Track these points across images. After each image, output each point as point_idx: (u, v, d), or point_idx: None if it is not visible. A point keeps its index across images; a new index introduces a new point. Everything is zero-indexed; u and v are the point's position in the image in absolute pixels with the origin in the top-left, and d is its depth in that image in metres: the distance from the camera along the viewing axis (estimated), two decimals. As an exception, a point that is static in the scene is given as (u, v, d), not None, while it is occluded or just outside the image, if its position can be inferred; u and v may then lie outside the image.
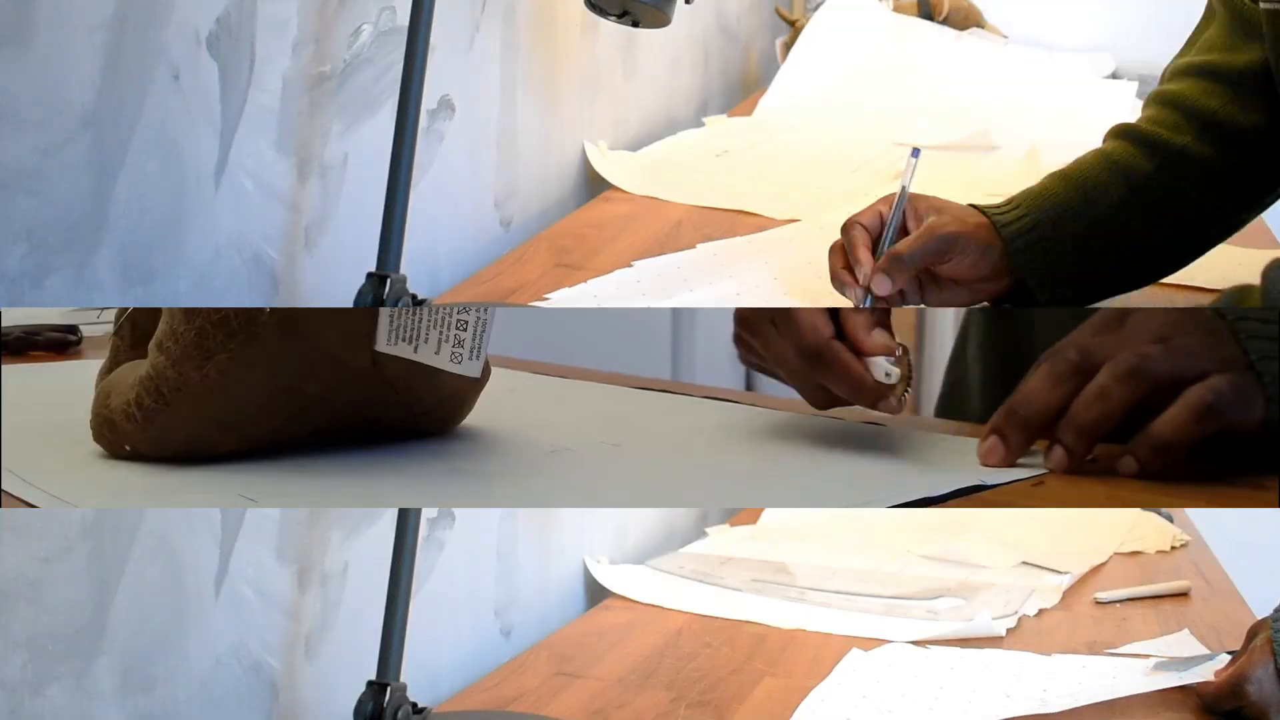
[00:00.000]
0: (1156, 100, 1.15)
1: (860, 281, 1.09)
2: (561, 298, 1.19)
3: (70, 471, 0.90)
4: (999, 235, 1.10)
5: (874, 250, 1.10)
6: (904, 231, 1.10)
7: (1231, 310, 0.94)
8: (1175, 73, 1.15)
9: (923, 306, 1.12)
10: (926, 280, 1.11)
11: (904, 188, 1.11)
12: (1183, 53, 1.16)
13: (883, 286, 1.08)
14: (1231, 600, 1.45)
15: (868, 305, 1.08)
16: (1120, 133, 1.14)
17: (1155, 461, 0.93)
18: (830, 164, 1.69)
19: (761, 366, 1.07)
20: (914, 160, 1.11)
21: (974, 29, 2.37)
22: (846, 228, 1.11)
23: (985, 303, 1.13)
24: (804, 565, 1.60)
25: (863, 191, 1.54)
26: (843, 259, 1.11)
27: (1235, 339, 0.93)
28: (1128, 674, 1.13)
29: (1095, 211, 1.11)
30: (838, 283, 1.11)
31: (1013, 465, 0.97)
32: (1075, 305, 1.12)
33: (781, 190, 1.54)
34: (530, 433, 1.07)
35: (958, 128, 1.85)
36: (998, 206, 1.12)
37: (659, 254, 1.32)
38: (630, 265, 1.26)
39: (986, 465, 0.97)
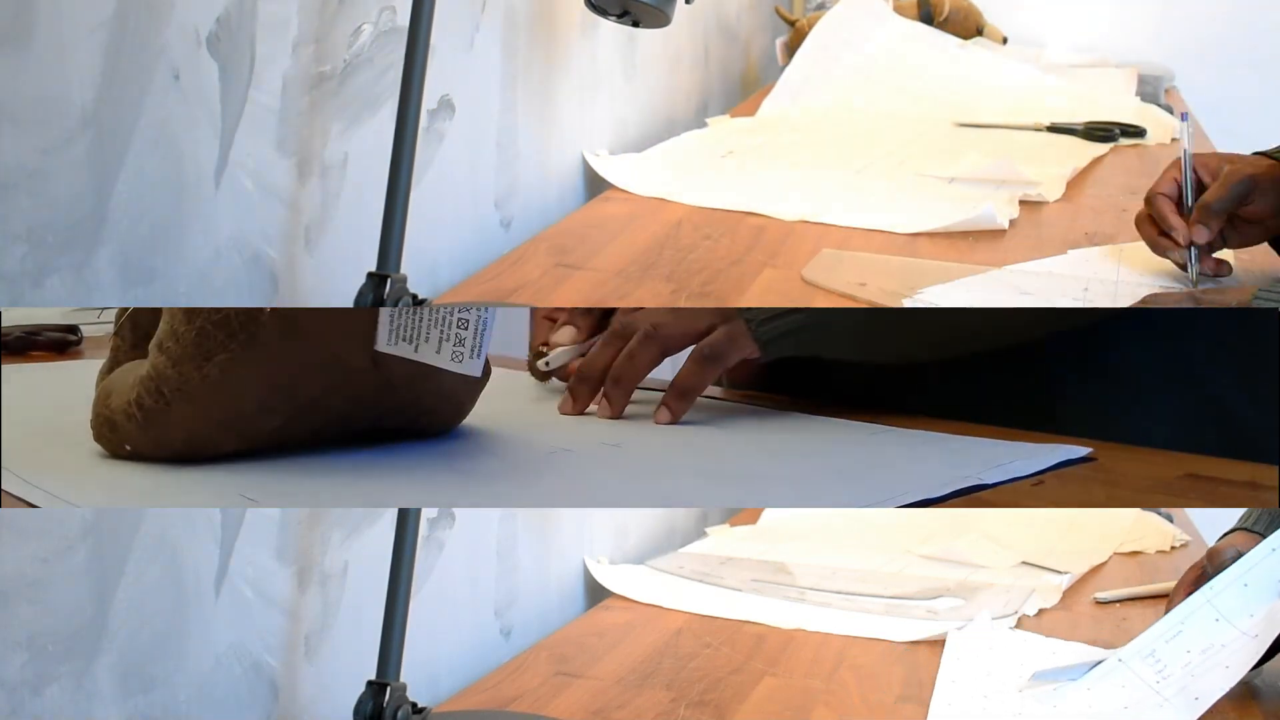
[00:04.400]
0: None
1: (1181, 241, 1.19)
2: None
3: (70, 471, 0.90)
4: None
5: (1179, 211, 1.20)
6: (1200, 187, 1.20)
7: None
8: None
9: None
10: (1227, 228, 1.20)
11: (1185, 150, 1.21)
12: None
13: (1202, 235, 1.18)
14: (1231, 600, 1.45)
15: (1194, 259, 1.18)
16: None
17: (680, 406, 1.14)
18: (834, 164, 1.69)
19: None
20: (1186, 124, 1.24)
21: (976, 35, 2.37)
22: (1150, 199, 1.21)
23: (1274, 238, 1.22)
24: (804, 565, 1.60)
25: (868, 191, 1.55)
26: (1155, 228, 1.21)
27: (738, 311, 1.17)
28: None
29: None
30: (1159, 249, 1.21)
31: (582, 414, 1.16)
32: None
33: (786, 191, 1.54)
34: (530, 433, 1.07)
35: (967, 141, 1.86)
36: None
37: (659, 253, 1.32)
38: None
39: (562, 413, 1.16)
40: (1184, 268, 1.20)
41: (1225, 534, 1.25)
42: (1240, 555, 1.12)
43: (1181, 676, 1.07)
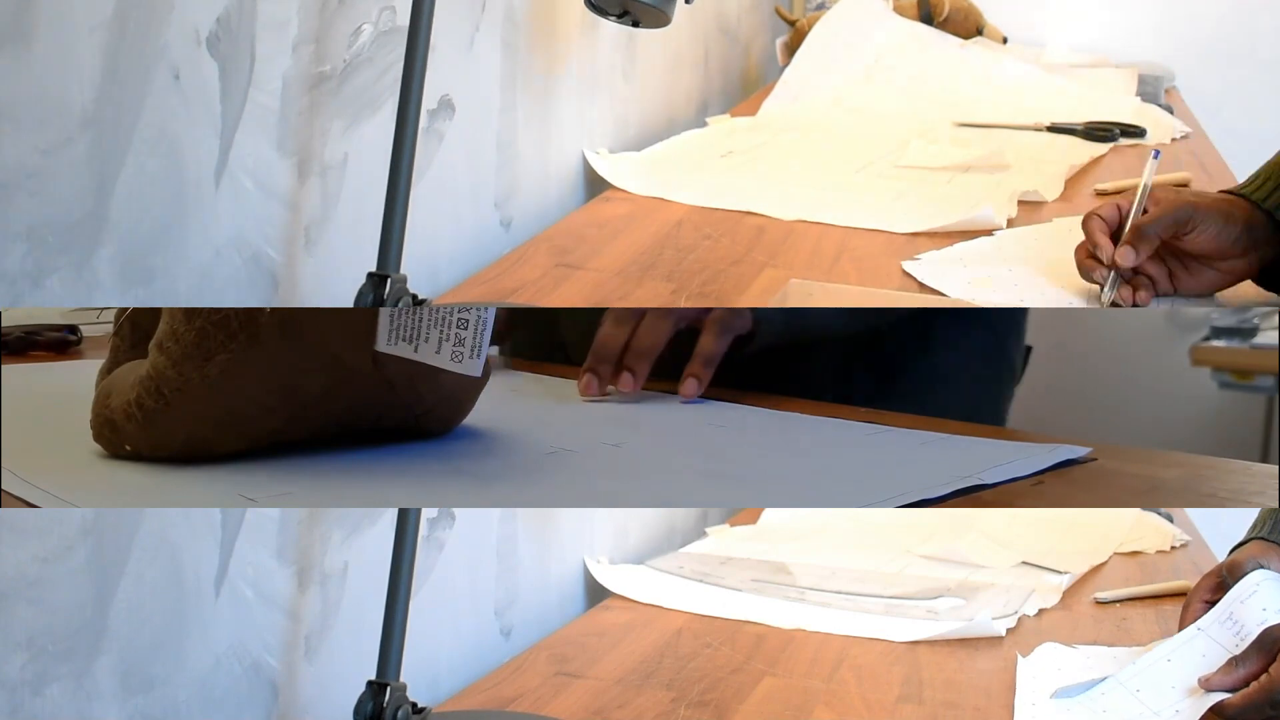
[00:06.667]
0: None
1: (1104, 261, 1.15)
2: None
3: (70, 471, 0.90)
4: (1258, 208, 1.16)
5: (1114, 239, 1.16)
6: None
7: None
8: None
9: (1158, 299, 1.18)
10: (1175, 266, 1.17)
11: (1144, 185, 1.17)
12: None
13: (1127, 258, 1.14)
14: (1231, 600, 1.44)
15: (1111, 291, 1.15)
16: None
17: (705, 372, 1.21)
18: (835, 164, 1.69)
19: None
20: (1154, 161, 1.19)
21: (976, 35, 2.37)
22: (1085, 220, 1.19)
23: (1234, 285, 1.18)
24: (804, 565, 1.60)
25: (869, 191, 1.55)
26: (1086, 251, 1.19)
27: None
28: None
29: None
30: (1084, 271, 1.19)
31: (605, 396, 1.21)
32: None
33: (787, 191, 1.54)
34: (530, 433, 1.07)
35: (966, 147, 1.85)
36: (1244, 185, 1.19)
37: (659, 253, 1.32)
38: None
39: (586, 396, 1.20)
40: (1101, 288, 1.16)
41: (1240, 544, 1.24)
42: (1260, 565, 1.11)
43: None
